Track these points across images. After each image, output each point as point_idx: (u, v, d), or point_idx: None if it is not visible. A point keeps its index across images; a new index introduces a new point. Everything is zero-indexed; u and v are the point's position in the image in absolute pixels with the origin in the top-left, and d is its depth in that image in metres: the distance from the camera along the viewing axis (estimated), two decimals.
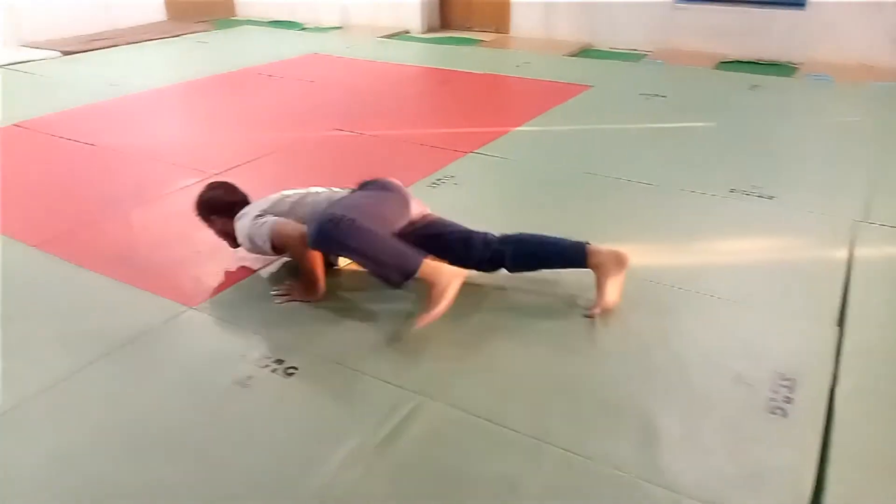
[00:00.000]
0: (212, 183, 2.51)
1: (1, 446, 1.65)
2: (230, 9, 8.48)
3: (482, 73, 5.30)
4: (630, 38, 6.18)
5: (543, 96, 4.61)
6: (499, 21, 7.02)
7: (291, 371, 1.88)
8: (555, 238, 2.18)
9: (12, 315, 2.16)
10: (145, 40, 6.65)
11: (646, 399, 1.76)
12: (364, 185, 2.29)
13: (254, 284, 2.34)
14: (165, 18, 7.67)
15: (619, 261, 2.09)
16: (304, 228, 2.09)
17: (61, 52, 6.06)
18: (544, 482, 1.52)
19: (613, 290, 2.09)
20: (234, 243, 2.38)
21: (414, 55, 6.06)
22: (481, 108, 4.54)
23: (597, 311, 2.07)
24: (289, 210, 2.25)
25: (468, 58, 5.85)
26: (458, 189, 3.09)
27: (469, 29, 7.30)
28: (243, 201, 2.40)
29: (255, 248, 2.23)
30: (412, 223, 2.23)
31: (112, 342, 2.00)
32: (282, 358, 1.93)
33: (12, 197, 3.06)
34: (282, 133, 3.88)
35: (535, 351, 1.96)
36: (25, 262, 2.49)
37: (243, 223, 2.24)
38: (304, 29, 7.60)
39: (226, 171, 3.27)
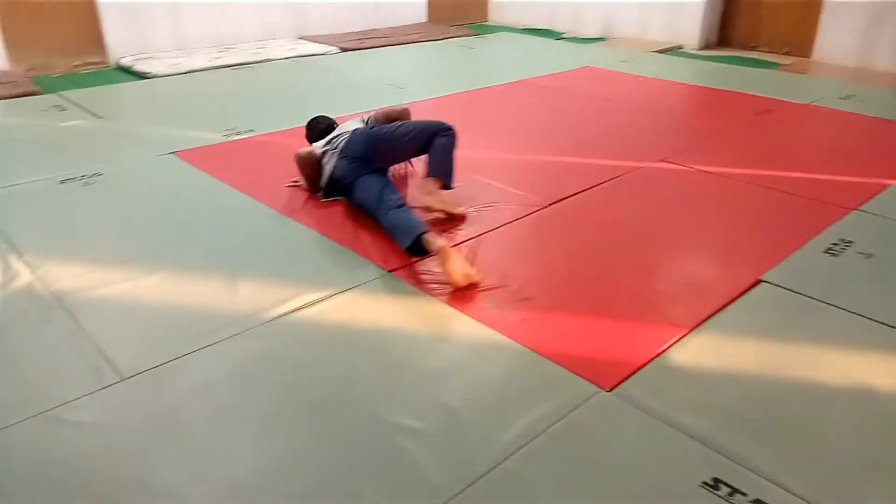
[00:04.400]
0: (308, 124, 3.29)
1: None
2: (483, 13, 8.32)
3: (803, 103, 4.55)
4: None
5: None
6: (797, 42, 6.14)
7: None
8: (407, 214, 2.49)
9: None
10: (412, 41, 6.59)
11: None
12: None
13: (676, 362, 1.88)
14: (426, 20, 7.62)
15: (442, 255, 2.23)
16: (308, 151, 2.95)
17: (340, 47, 6.12)
18: None
19: (456, 268, 2.19)
20: None
21: (705, 75, 5.40)
22: (825, 147, 3.80)
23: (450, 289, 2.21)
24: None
25: (774, 83, 5.08)
26: (871, 266, 2.43)
27: (754, 48, 6.49)
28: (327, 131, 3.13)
29: None
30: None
31: (526, 428, 1.64)
32: (745, 490, 1.45)
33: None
34: (601, 160, 3.44)
35: None
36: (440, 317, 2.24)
37: None
38: (562, 38, 7.20)
39: (565, 198, 2.94)
